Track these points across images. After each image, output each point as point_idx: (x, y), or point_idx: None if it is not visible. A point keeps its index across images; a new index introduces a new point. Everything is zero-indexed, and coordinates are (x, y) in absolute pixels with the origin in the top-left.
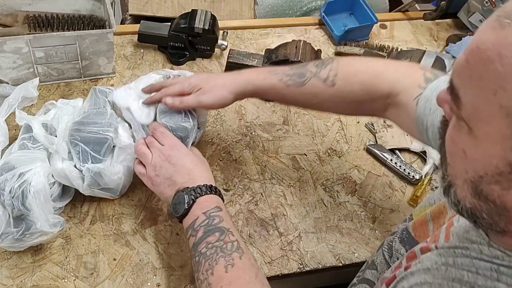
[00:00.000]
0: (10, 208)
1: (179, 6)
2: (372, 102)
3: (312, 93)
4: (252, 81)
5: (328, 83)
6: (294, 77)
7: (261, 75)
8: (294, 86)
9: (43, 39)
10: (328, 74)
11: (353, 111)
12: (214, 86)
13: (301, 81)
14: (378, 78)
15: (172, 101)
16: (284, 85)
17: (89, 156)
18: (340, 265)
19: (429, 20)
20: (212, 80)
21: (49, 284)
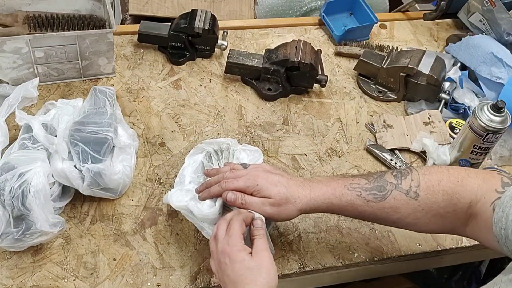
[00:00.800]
0: (10, 208)
1: (179, 6)
2: (454, 213)
3: (394, 208)
4: (329, 199)
5: (411, 195)
6: (373, 191)
7: (338, 191)
8: (375, 201)
9: (43, 39)
10: (410, 185)
11: (434, 228)
12: (284, 199)
13: (382, 194)
14: (461, 185)
15: (234, 197)
16: (363, 201)
17: (89, 156)
18: (340, 265)
19: (429, 20)
20: (283, 190)
21: (49, 284)
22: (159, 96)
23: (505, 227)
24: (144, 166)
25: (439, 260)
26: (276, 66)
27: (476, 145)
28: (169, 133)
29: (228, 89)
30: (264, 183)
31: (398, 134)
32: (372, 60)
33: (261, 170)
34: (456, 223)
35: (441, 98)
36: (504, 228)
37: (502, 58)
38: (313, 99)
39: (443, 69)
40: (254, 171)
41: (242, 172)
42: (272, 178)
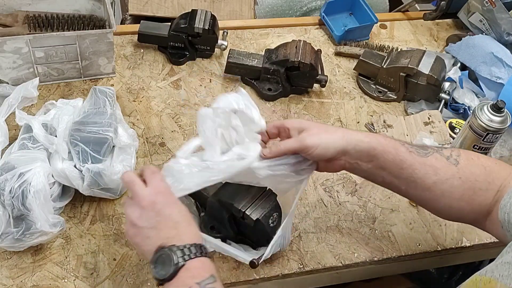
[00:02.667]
0: (10, 208)
1: (179, 6)
2: (486, 193)
3: (434, 167)
4: (375, 136)
5: (451, 161)
6: (416, 147)
7: (382, 135)
8: (417, 154)
9: (43, 39)
10: (451, 153)
11: (460, 208)
12: (324, 128)
13: (424, 152)
14: (498, 165)
15: (268, 152)
16: (406, 149)
17: (89, 156)
18: (340, 265)
19: (429, 20)
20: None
21: (49, 284)
22: (159, 96)
23: (508, 211)
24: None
25: (439, 260)
26: (276, 66)
27: (476, 145)
28: (169, 133)
29: (228, 89)
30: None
31: (398, 134)
32: (372, 60)
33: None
34: (482, 208)
35: (441, 98)
36: (507, 213)
37: (502, 58)
38: (313, 99)
39: (443, 69)
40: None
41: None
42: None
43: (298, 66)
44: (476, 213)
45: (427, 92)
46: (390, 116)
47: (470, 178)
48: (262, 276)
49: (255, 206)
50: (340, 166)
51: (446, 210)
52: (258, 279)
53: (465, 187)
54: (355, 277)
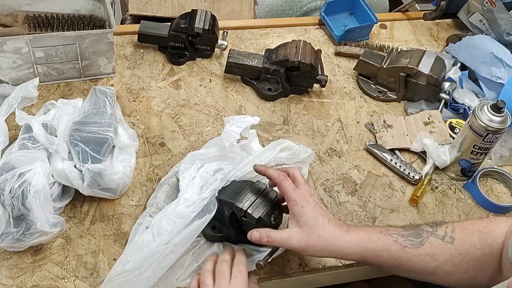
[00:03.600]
0: (10, 208)
1: (179, 6)
2: (491, 256)
3: (431, 254)
4: (364, 243)
5: (447, 240)
6: (410, 237)
7: (374, 236)
8: (412, 247)
9: (43, 39)
10: (446, 231)
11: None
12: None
13: (418, 241)
14: (493, 223)
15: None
16: (400, 246)
17: (89, 156)
18: (340, 265)
19: (429, 20)
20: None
21: (49, 284)
22: (159, 96)
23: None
24: (144, 166)
25: None
26: (276, 66)
27: (476, 145)
28: (169, 133)
29: (228, 89)
30: (309, 209)
31: (398, 134)
32: (372, 60)
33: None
34: (494, 269)
35: (441, 98)
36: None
37: (502, 58)
38: (313, 99)
39: (443, 69)
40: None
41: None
42: (318, 209)
43: (298, 66)
44: (490, 273)
45: (427, 92)
46: (390, 116)
47: (469, 249)
48: (262, 276)
49: (257, 204)
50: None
51: (459, 284)
52: (258, 279)
53: (467, 260)
54: (355, 277)
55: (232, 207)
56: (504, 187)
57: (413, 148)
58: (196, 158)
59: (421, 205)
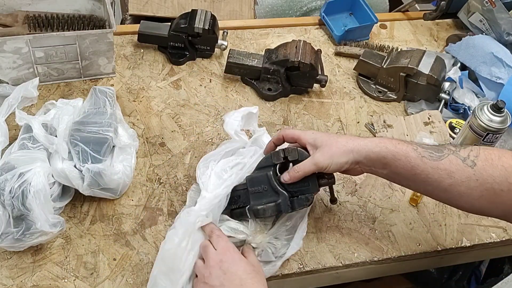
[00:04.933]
0: (10, 208)
1: (179, 6)
2: (509, 193)
3: (448, 171)
4: (384, 145)
5: (467, 163)
6: (430, 150)
7: (394, 141)
8: (430, 159)
9: (43, 39)
10: (469, 154)
11: (483, 206)
12: (335, 143)
13: (438, 155)
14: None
15: (288, 177)
16: (418, 155)
17: (89, 156)
18: (340, 265)
19: (429, 20)
20: (335, 138)
21: (49, 284)
22: (159, 96)
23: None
24: (144, 166)
25: (439, 260)
26: (276, 66)
27: (476, 145)
28: (169, 133)
29: (228, 89)
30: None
31: (398, 134)
32: (372, 60)
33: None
34: (508, 206)
35: (441, 98)
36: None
37: (502, 58)
38: (313, 99)
39: (443, 69)
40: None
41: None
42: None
43: (298, 66)
44: (501, 210)
45: (427, 92)
46: (390, 116)
47: (488, 180)
48: None
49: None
50: (358, 172)
51: (468, 208)
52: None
53: (483, 188)
54: (355, 277)
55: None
56: None
57: None
58: (210, 160)
59: (421, 205)
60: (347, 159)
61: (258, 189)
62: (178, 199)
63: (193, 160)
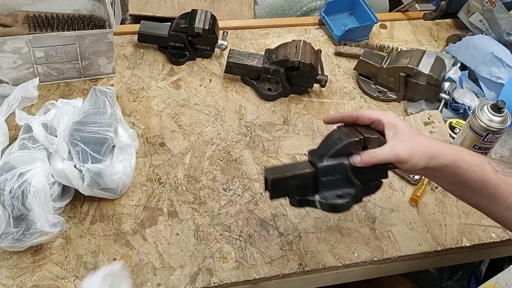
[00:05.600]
0: (10, 208)
1: (179, 6)
2: None
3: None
4: (462, 153)
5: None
6: (503, 165)
7: (471, 152)
8: (503, 174)
9: (43, 39)
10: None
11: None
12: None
13: (511, 172)
14: None
15: (359, 160)
16: (492, 169)
17: (89, 156)
18: (340, 265)
19: (429, 20)
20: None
21: (49, 284)
22: (159, 96)
23: None
24: (144, 166)
25: (439, 260)
26: (276, 66)
27: (476, 145)
28: (169, 133)
29: (228, 89)
30: (400, 120)
31: None
32: (372, 60)
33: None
34: None
35: (441, 98)
36: None
37: (502, 58)
38: (313, 99)
39: (443, 69)
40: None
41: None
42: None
43: (298, 66)
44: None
45: (427, 92)
46: None
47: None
48: (262, 276)
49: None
50: (419, 173)
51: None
52: (258, 279)
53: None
54: (355, 277)
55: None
56: None
57: None
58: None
59: (421, 205)
60: (425, 164)
61: (331, 179)
62: (178, 199)
63: (193, 160)
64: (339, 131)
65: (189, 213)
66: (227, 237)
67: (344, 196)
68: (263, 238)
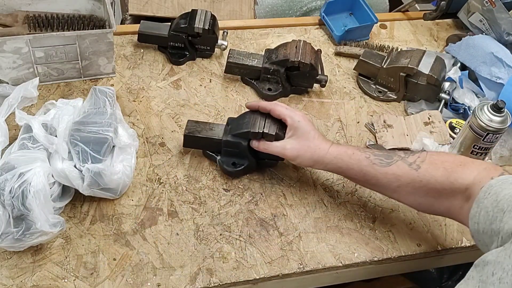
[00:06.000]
0: (10, 208)
1: (179, 6)
2: (451, 192)
3: (395, 175)
4: (341, 156)
5: (413, 167)
6: (381, 157)
7: (350, 150)
8: (380, 166)
9: (43, 39)
10: (416, 159)
11: (429, 203)
12: (307, 145)
13: (387, 162)
14: (462, 167)
15: (257, 146)
16: (369, 162)
17: (89, 156)
18: (340, 265)
19: (429, 20)
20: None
21: (49, 284)
22: (159, 96)
23: (478, 221)
24: (144, 166)
25: (439, 260)
26: (276, 66)
27: (476, 145)
28: (169, 133)
29: (228, 89)
30: (305, 123)
31: (398, 134)
32: (372, 60)
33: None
34: (452, 203)
35: (441, 98)
36: (477, 223)
37: (502, 58)
38: (313, 99)
39: (443, 69)
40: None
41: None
42: (310, 124)
43: (298, 66)
44: (445, 207)
45: (427, 92)
46: (390, 116)
47: (431, 180)
48: (262, 276)
49: (268, 124)
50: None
51: (416, 206)
52: (258, 279)
53: (427, 188)
54: (355, 277)
55: (248, 135)
56: None
57: (413, 148)
58: None
59: None
60: (310, 165)
61: (231, 150)
62: (178, 199)
63: (193, 160)
64: (251, 115)
65: (189, 213)
66: (227, 237)
67: (238, 165)
68: (263, 238)
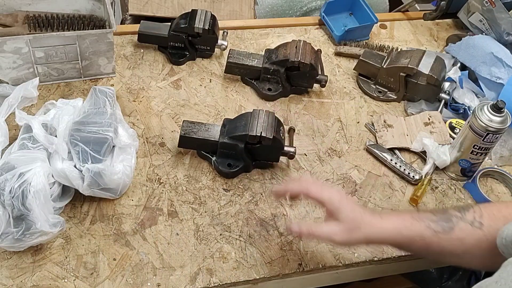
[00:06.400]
0: (10, 208)
1: (179, 6)
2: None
3: (460, 239)
4: (398, 229)
5: (475, 225)
6: (441, 222)
7: (407, 221)
8: (443, 233)
9: (43, 39)
10: (474, 216)
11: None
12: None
13: (449, 226)
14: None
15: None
16: (432, 232)
17: (89, 156)
18: (340, 265)
19: (429, 20)
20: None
21: (49, 284)
22: (159, 96)
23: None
24: (144, 166)
25: None
26: (276, 66)
27: (476, 145)
28: (169, 133)
29: (228, 89)
30: (345, 204)
31: (398, 134)
32: (372, 60)
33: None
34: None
35: (441, 98)
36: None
37: (502, 58)
38: (313, 99)
39: (443, 69)
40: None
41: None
42: (350, 201)
43: (298, 66)
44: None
45: (427, 92)
46: (390, 116)
47: (494, 234)
48: (262, 276)
49: (265, 127)
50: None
51: (481, 267)
52: (258, 279)
53: (493, 245)
54: (355, 277)
55: (245, 138)
56: (504, 187)
57: (413, 148)
58: None
59: (421, 205)
60: (364, 245)
61: (227, 152)
62: (178, 199)
63: (193, 160)
64: (248, 118)
65: (189, 213)
66: (227, 237)
67: (234, 166)
68: (263, 238)
